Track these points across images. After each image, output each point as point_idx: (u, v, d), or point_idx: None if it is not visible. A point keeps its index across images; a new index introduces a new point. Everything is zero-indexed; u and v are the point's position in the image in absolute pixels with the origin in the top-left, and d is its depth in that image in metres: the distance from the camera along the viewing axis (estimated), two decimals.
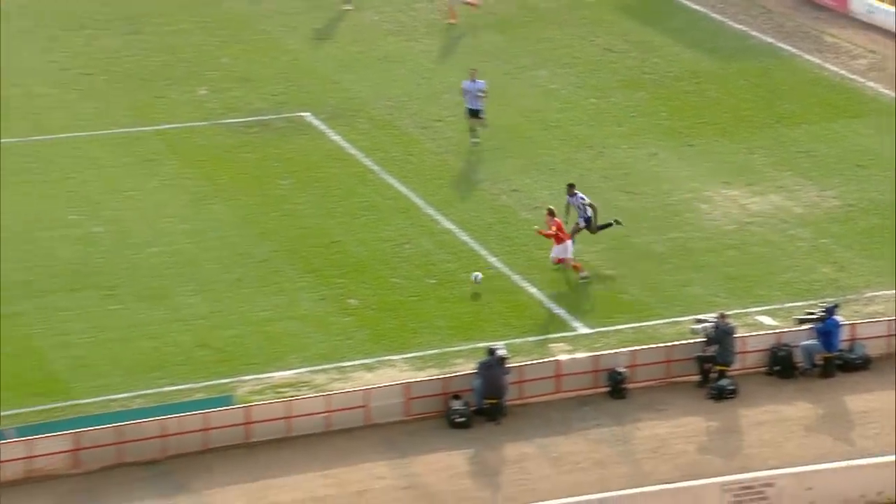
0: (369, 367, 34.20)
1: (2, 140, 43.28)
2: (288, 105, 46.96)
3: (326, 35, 51.91)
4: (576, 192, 38.41)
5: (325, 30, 52.19)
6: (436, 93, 47.95)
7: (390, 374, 33.85)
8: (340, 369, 34.11)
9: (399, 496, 30.10)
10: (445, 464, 31.05)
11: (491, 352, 32.50)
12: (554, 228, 37.32)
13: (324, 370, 34.05)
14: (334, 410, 32.05)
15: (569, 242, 37.38)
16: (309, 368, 34.10)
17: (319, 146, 44.54)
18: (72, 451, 30.37)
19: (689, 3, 55.86)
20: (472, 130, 43.86)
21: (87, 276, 37.13)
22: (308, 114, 46.46)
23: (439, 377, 33.10)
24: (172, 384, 33.39)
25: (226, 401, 32.37)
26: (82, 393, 32.86)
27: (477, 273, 36.71)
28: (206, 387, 33.30)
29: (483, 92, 43.36)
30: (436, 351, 34.78)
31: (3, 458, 29.95)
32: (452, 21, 53.06)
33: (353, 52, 50.95)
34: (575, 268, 37.41)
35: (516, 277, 37.76)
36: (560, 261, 37.50)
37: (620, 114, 46.86)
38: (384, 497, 30.05)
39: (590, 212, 38.22)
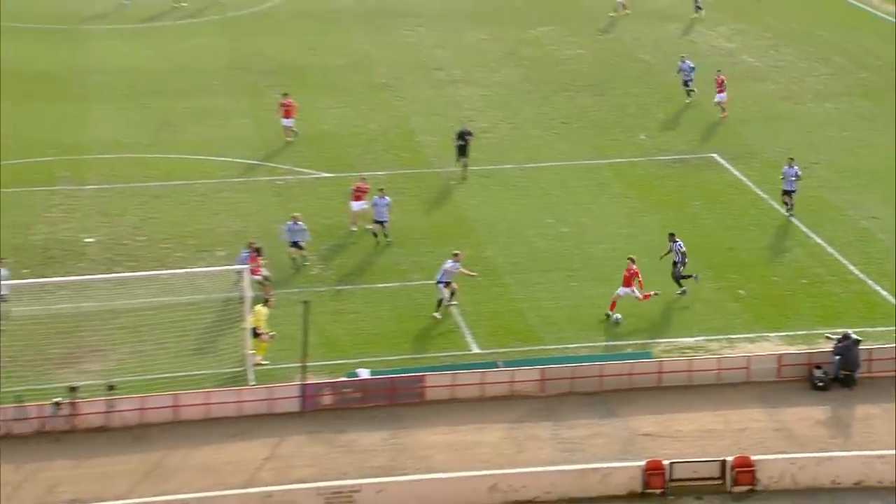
0: (751, 340, 33.36)
1: (506, 166, 44.13)
2: (702, 147, 46.15)
3: (734, 99, 50.62)
4: (676, 239, 35.68)
5: (733, 95, 50.92)
6: (814, 143, 46.08)
7: (767, 346, 32.94)
8: (729, 340, 33.43)
9: (770, 435, 29.36)
10: (807, 415, 30.04)
11: (847, 336, 31.09)
12: (628, 273, 34.32)
13: (717, 340, 33.46)
14: (724, 369, 31.44)
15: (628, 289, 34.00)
16: (706, 337, 33.58)
17: (723, 178, 43.58)
18: (539, 380, 30.86)
19: None
20: (785, 205, 39.86)
21: (556, 262, 37.56)
22: (716, 154, 45.50)
23: (806, 351, 31.94)
24: (608, 340, 33.48)
25: (646, 355, 32.23)
26: (548, 341, 33.40)
27: (617, 316, 34.25)
28: (632, 344, 33.29)
29: (796, 177, 39.63)
30: (804, 332, 33.60)
31: (494, 381, 30.71)
32: None
33: (753, 111, 49.59)
34: (613, 304, 33.94)
35: (870, 282, 36.01)
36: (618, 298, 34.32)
37: None
38: (759, 435, 29.36)
39: (683, 259, 35.27)
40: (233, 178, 43.01)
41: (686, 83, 49.26)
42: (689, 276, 35.79)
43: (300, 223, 36.10)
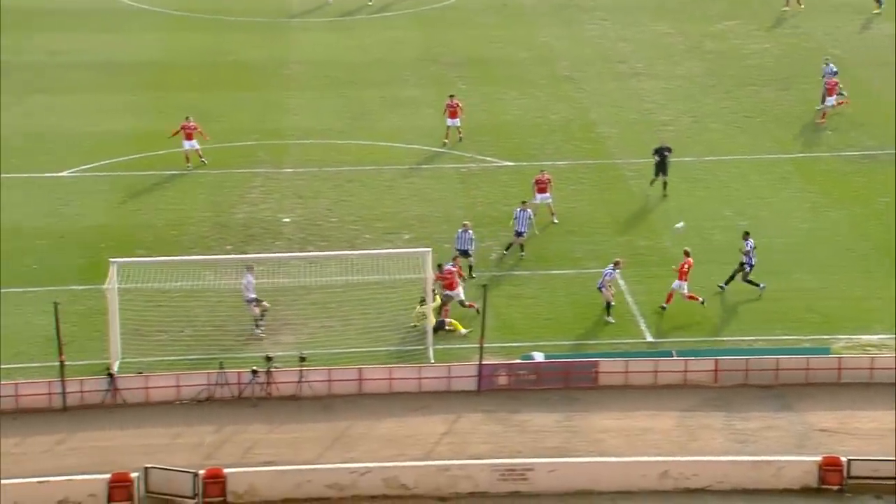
0: None
1: (686, 158, 43.59)
2: (892, 144, 44.59)
3: None
4: (749, 238, 34.20)
5: None
6: None
7: None
8: None
9: None
10: None
11: None
12: (686, 267, 33.18)
13: None
14: None
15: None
16: (889, 335, 32.59)
17: None
18: (713, 371, 30.52)
19: None
20: None
21: (732, 254, 36.34)
22: None
23: None
24: (787, 334, 32.92)
25: (825, 350, 31.47)
26: (724, 332, 33.07)
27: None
28: (811, 339, 32.62)
29: None
30: None
31: (668, 369, 30.56)
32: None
33: None
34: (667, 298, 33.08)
35: None
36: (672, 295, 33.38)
37: None
38: None
39: (753, 260, 33.76)
40: (420, 165, 43.68)
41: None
42: (756, 285, 34.46)
43: (469, 231, 35.38)
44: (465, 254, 35.40)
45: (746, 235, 35.01)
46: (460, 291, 33.45)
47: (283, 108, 48.69)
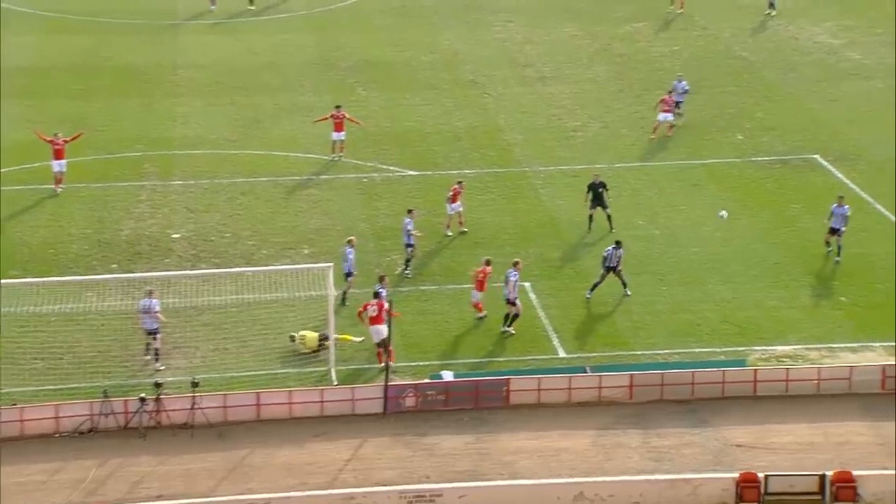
0: (853, 350, 32.98)
1: (597, 165, 44.06)
2: (803, 149, 45.68)
3: (838, 98, 50.10)
4: (620, 248, 34.90)
5: (839, 94, 50.39)
6: None
7: (870, 357, 32.47)
8: (830, 349, 33.07)
9: (874, 450, 28.89)
10: None
11: None
12: (482, 276, 33.84)
13: (816, 349, 33.13)
14: (823, 379, 31.15)
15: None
16: (805, 346, 33.28)
17: (825, 181, 43.11)
18: (628, 386, 30.81)
19: None
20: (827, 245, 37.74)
21: (646, 265, 37.47)
22: (818, 156, 45.01)
23: None
24: (701, 347, 33.37)
25: (740, 363, 32.00)
26: (638, 346, 33.32)
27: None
28: (726, 351, 33.10)
29: (845, 218, 37.59)
30: None
31: (582, 386, 30.85)
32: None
33: (862, 111, 48.93)
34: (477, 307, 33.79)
35: None
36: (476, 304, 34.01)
37: None
38: (862, 450, 28.94)
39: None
40: (318, 176, 43.52)
41: (677, 104, 46.43)
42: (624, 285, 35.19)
43: (350, 249, 34.52)
44: (348, 275, 34.81)
45: (618, 245, 35.43)
46: (383, 329, 31.61)
47: (170, 116, 48.15)
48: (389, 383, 30.27)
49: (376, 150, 45.71)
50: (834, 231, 37.55)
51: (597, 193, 39.60)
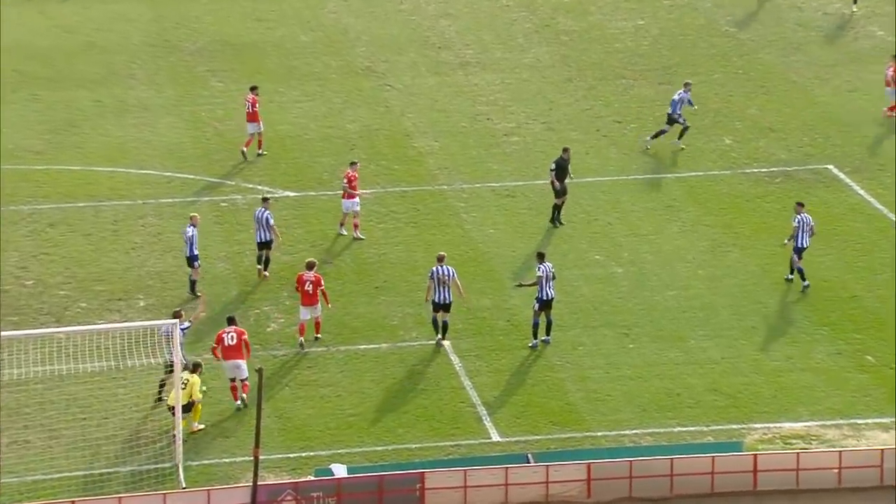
0: (885, 427, 33.36)
1: (537, 182, 44.34)
2: (814, 157, 46.41)
3: (858, 88, 50.97)
4: (544, 262, 36.14)
5: (859, 83, 51.21)
6: None
7: None
8: (854, 426, 33.43)
9: None
10: None
11: None
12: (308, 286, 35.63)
13: (836, 425, 33.47)
14: (847, 467, 31.36)
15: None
16: (820, 422, 33.59)
17: (843, 199, 43.84)
18: (585, 480, 30.88)
19: None
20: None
21: (606, 315, 37.70)
22: (832, 166, 45.76)
23: None
24: (682, 425, 33.57)
25: (734, 447, 32.23)
26: (597, 425, 33.42)
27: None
28: (715, 431, 33.31)
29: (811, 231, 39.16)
30: None
31: (523, 481, 30.77)
32: None
33: (884, 106, 49.70)
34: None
35: None
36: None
37: None
38: None
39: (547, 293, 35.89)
40: (158, 199, 43.25)
41: (676, 119, 46.52)
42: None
43: (192, 229, 37.60)
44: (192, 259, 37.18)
45: (541, 258, 36.11)
46: (243, 365, 33.45)
47: None
48: (260, 482, 30.11)
49: (238, 163, 45.59)
50: (801, 250, 38.65)
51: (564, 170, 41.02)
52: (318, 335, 36.13)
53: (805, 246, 38.76)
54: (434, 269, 35.98)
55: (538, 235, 41.55)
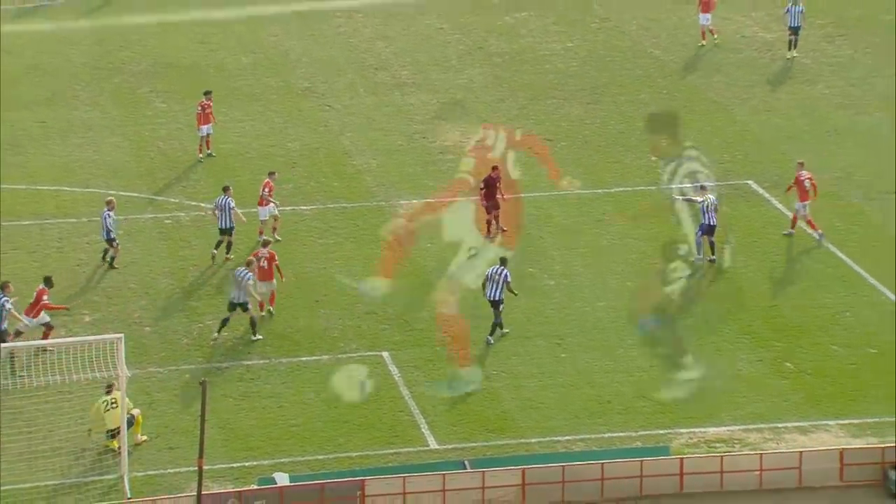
0: (803, 430, 33.62)
1: (473, 197, 44.39)
2: (733, 173, 46.63)
3: (775, 108, 51.37)
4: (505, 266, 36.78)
5: (775, 103, 51.66)
6: (883, 165, 46.55)
7: (825, 439, 33.13)
8: (774, 430, 33.66)
9: None
10: None
11: None
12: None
13: (758, 429, 33.70)
14: (767, 469, 31.63)
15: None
16: (743, 426, 33.82)
17: (762, 213, 44.09)
18: (520, 485, 30.94)
19: None
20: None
21: (539, 325, 37.79)
22: (752, 182, 46.02)
23: (877, 446, 32.11)
24: (612, 431, 33.73)
25: (662, 451, 32.36)
26: (530, 432, 33.49)
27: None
28: (643, 436, 33.49)
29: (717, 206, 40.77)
30: (874, 420, 33.82)
31: (460, 486, 30.81)
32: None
33: (801, 125, 50.18)
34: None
35: None
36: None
37: None
38: None
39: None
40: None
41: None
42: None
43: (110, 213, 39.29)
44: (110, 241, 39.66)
45: (503, 262, 36.41)
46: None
47: None
48: (204, 492, 29.94)
49: (183, 181, 45.34)
50: (711, 229, 39.93)
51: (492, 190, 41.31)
52: (272, 308, 37.41)
53: (713, 224, 40.05)
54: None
55: (472, 249, 41.50)
